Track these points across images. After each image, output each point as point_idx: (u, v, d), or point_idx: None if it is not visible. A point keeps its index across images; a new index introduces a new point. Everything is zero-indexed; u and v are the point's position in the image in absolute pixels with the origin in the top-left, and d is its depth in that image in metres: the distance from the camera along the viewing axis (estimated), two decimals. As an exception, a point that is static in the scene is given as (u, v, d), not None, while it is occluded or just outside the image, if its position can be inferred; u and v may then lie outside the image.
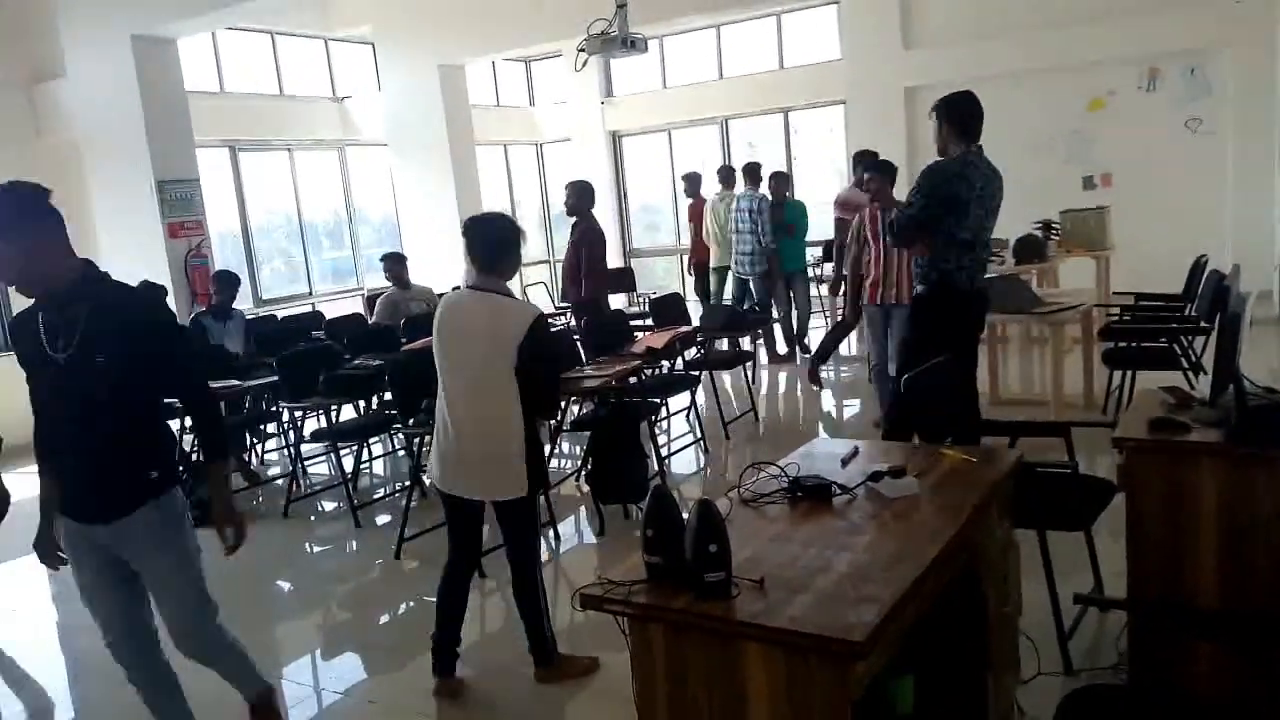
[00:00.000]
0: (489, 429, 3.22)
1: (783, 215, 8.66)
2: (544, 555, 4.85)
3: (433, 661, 3.52)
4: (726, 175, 9.26)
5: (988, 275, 6.68)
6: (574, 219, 7.13)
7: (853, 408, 7.56)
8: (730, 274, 8.91)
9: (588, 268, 7.09)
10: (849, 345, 9.64)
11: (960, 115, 4.23)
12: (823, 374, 8.02)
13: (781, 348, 9.13)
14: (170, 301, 7.10)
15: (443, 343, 3.30)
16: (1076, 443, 3.72)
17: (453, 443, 3.28)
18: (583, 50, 6.83)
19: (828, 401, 7.99)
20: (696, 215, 9.84)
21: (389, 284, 7.81)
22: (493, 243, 3.26)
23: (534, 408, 3.25)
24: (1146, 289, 6.75)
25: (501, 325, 3.15)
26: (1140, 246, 8.56)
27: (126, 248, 8.13)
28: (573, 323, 7.34)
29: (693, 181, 10.09)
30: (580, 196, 7.01)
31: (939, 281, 4.27)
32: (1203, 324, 5.75)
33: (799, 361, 8.78)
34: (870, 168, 6.34)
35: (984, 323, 4.72)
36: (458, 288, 3.82)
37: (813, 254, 11.08)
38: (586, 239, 7.08)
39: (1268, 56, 8.92)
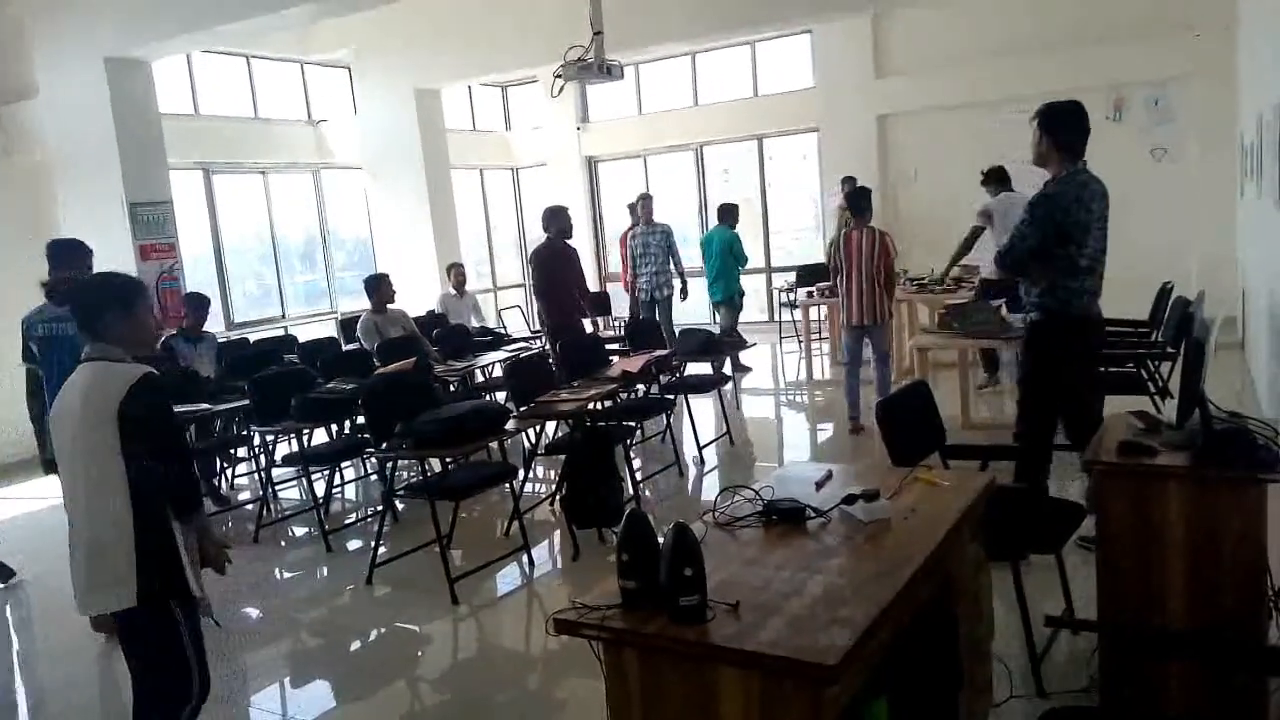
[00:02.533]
0: (89, 523, 2.62)
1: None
2: (517, 582, 4.84)
3: None
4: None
5: (956, 302, 6.82)
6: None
7: (826, 431, 7.59)
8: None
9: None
10: (823, 370, 9.71)
11: (1067, 131, 3.98)
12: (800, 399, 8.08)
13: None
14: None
15: (52, 425, 2.79)
16: (1047, 466, 3.77)
17: (70, 545, 2.72)
18: (559, 76, 6.87)
19: (802, 425, 8.03)
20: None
21: (367, 307, 7.77)
22: (85, 307, 2.75)
23: (166, 500, 2.65)
24: (1113, 315, 6.84)
25: (95, 393, 2.59)
26: (1107, 273, 8.66)
27: (97, 269, 8.00)
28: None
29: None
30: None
31: (1060, 310, 3.99)
32: (1169, 349, 5.84)
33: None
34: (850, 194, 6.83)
35: (1103, 347, 4.49)
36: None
37: (786, 279, 11.20)
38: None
39: (1229, 86, 9.13)
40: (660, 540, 2.06)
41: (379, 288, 7.60)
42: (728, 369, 8.47)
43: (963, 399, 6.70)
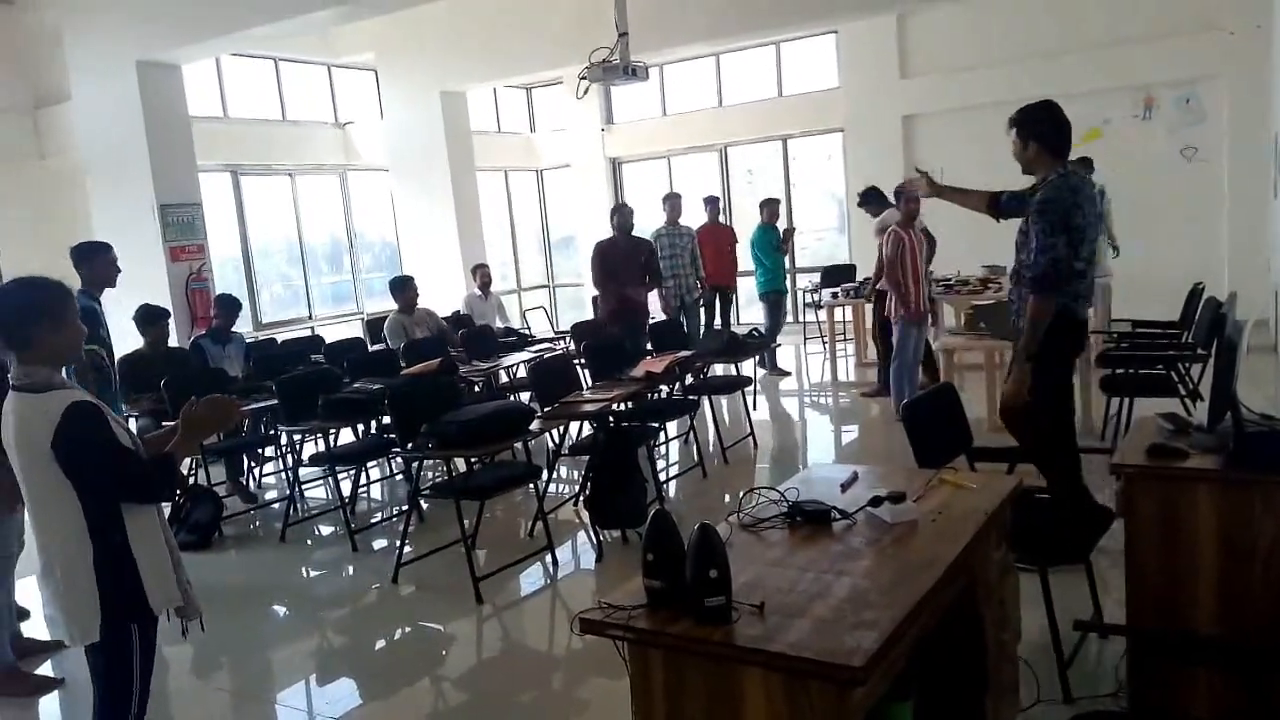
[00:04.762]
0: (50, 557, 2.52)
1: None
2: (541, 582, 4.85)
3: None
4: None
5: (982, 303, 6.79)
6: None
7: (851, 433, 7.56)
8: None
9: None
10: (848, 371, 9.67)
11: (1052, 131, 3.81)
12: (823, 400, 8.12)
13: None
14: (171, 324, 7.11)
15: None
16: (1075, 469, 3.73)
17: (40, 575, 2.61)
18: (584, 78, 6.90)
19: (825, 426, 8.00)
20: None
21: (393, 308, 7.82)
22: (10, 322, 2.48)
23: (130, 498, 2.51)
24: (1144, 316, 6.79)
25: (25, 432, 2.43)
26: (1137, 274, 8.61)
27: (128, 270, 8.01)
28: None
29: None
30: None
31: (1060, 315, 3.82)
32: (1200, 351, 5.77)
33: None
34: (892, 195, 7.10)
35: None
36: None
37: (810, 280, 11.17)
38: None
39: (1261, 85, 9.02)
40: (685, 541, 2.06)
41: (405, 289, 7.66)
42: (748, 369, 8.47)
43: (989, 401, 6.64)
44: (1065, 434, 3.99)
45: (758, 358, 9.05)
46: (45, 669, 4.15)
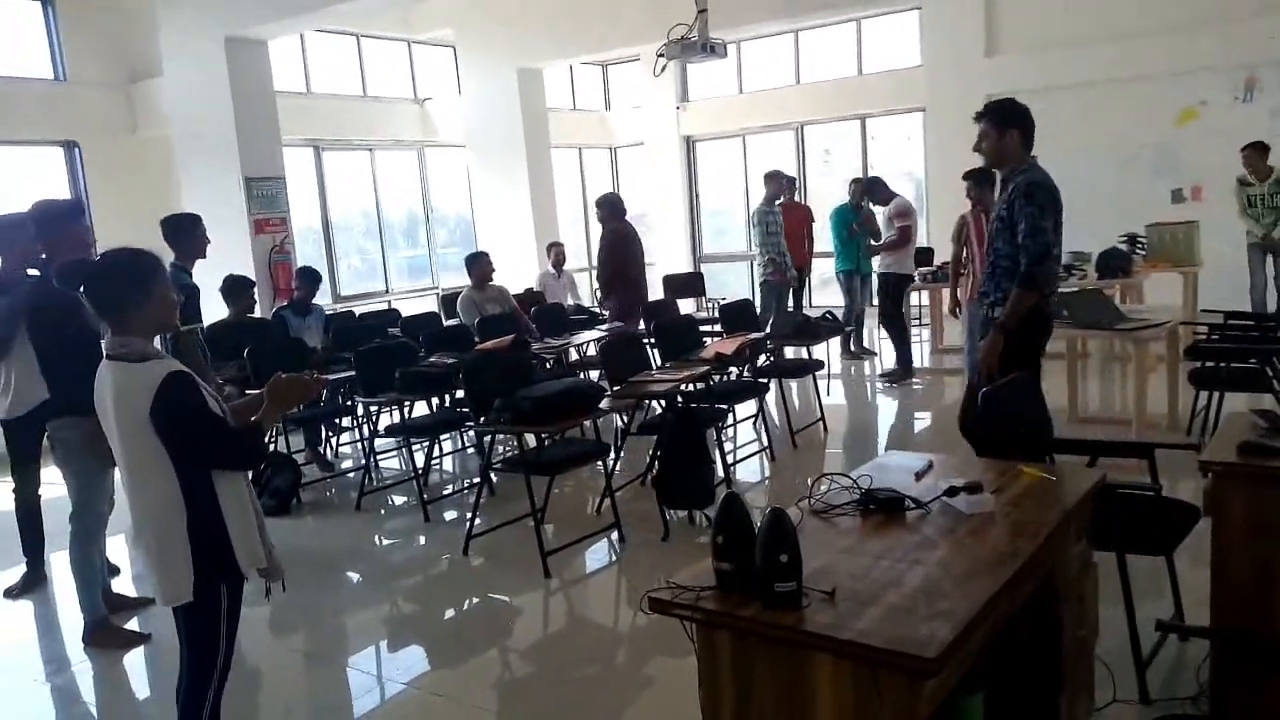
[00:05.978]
0: (144, 520, 2.59)
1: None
2: (607, 559, 4.89)
3: None
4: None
5: (1069, 290, 6.59)
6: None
7: (924, 420, 7.43)
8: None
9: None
10: (922, 357, 9.50)
11: (1025, 123, 3.97)
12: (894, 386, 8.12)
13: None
14: (255, 294, 7.29)
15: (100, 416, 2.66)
16: (1159, 465, 3.61)
17: (133, 536, 2.72)
18: (662, 55, 6.86)
19: (897, 412, 7.88)
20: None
21: (467, 283, 7.91)
22: (101, 297, 2.55)
23: (222, 465, 2.60)
24: (1237, 308, 6.51)
25: (123, 400, 2.49)
26: (1231, 263, 8.25)
27: (214, 242, 8.34)
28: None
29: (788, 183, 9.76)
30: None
31: (1042, 302, 3.92)
32: (1298, 345, 5.52)
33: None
34: (967, 177, 6.79)
35: None
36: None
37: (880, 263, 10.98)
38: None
39: (1375, 67, 8.54)
40: (755, 524, 2.05)
41: (478, 264, 7.75)
42: (822, 353, 8.39)
43: (1071, 391, 6.47)
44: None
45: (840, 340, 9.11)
46: (133, 624, 4.33)
